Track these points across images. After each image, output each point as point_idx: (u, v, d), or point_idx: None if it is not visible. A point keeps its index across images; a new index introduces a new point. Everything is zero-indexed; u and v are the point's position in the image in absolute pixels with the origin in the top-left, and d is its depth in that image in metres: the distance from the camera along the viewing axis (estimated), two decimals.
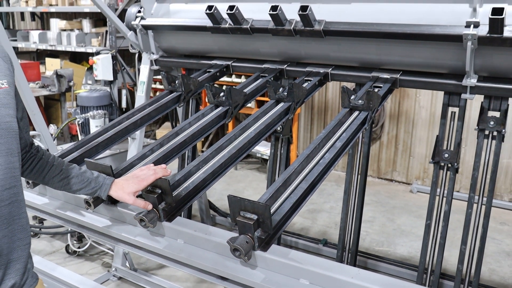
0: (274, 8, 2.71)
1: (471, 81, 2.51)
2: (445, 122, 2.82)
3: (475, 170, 2.74)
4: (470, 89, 2.54)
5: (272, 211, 1.79)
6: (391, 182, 6.44)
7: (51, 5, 8.16)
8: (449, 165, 2.81)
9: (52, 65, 8.21)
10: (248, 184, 6.35)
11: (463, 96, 2.58)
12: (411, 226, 5.07)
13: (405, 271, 3.86)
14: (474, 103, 2.93)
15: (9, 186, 1.50)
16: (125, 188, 1.91)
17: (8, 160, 1.49)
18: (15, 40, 8.81)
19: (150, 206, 1.90)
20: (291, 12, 2.77)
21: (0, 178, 1.47)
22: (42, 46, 8.38)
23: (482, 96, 2.64)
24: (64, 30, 8.28)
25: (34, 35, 8.47)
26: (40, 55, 8.88)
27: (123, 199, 1.93)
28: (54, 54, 8.80)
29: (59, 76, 7.09)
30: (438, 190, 2.86)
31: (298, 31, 2.77)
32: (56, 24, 8.51)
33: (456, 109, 2.77)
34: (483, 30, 2.31)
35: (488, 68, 2.51)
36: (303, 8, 2.64)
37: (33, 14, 9.88)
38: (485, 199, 2.77)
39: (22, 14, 10.12)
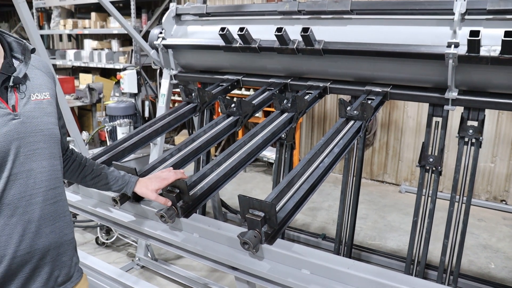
0: (279, 29, 2.71)
1: (452, 94, 2.50)
2: (430, 130, 2.80)
3: (456, 173, 2.73)
4: (451, 101, 2.53)
5: (277, 209, 1.78)
6: (382, 183, 6.41)
7: (85, 27, 8.21)
8: (434, 168, 2.79)
9: (85, 80, 8.25)
10: (256, 184, 6.33)
11: (445, 107, 2.57)
12: (400, 222, 5.04)
13: (394, 262, 3.84)
14: (455, 113, 2.91)
15: (53, 186, 1.51)
16: (148, 186, 1.91)
17: (52, 163, 1.51)
18: (54, 58, 8.87)
19: (169, 203, 1.90)
20: (294, 33, 2.77)
21: (45, 179, 1.48)
22: (77, 63, 8.43)
23: (462, 107, 2.63)
24: (96, 49, 8.32)
25: (70, 53, 8.52)
26: (75, 71, 8.93)
27: (146, 196, 1.92)
28: (87, 70, 8.84)
29: (91, 89, 7.12)
30: (424, 190, 2.84)
31: (300, 49, 2.77)
32: (89, 44, 8.55)
33: (440, 119, 2.75)
34: (463, 50, 2.31)
35: (467, 83, 2.50)
36: (305, 30, 2.64)
37: (69, 36, 9.95)
38: (465, 198, 2.75)
39: (60, 36, 10.19)
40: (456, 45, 2.33)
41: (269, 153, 6.25)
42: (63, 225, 1.56)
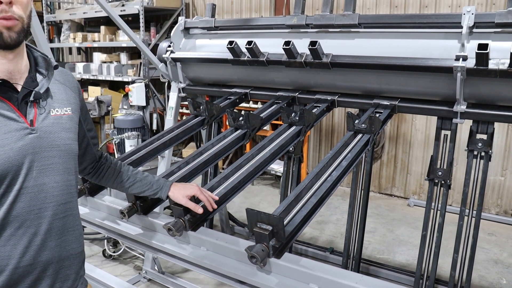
0: (287, 43, 2.72)
1: (461, 107, 2.50)
2: (438, 143, 2.79)
3: (466, 186, 2.71)
4: (460, 114, 2.53)
5: (285, 222, 1.78)
6: (391, 197, 6.37)
7: (94, 41, 8.30)
8: (443, 182, 2.77)
9: (94, 92, 8.31)
10: (263, 198, 6.32)
11: (454, 120, 2.57)
12: (409, 236, 4.99)
13: (403, 277, 3.79)
14: (464, 126, 2.90)
15: (64, 201, 1.52)
16: (181, 190, 1.91)
17: (65, 178, 1.52)
18: (70, 73, 8.93)
19: (200, 210, 1.90)
20: (302, 47, 2.78)
21: (57, 194, 1.49)
22: (86, 76, 8.50)
23: (471, 120, 2.62)
24: (105, 62, 8.40)
25: (80, 66, 8.60)
26: (84, 84, 8.99)
27: (178, 200, 1.91)
28: (96, 82, 8.91)
29: (99, 101, 7.17)
30: (433, 204, 2.82)
31: (308, 63, 2.78)
32: (98, 57, 8.63)
33: (448, 132, 2.74)
34: (471, 63, 2.31)
35: (476, 96, 2.49)
36: (313, 43, 2.65)
37: (79, 49, 10.06)
38: (474, 212, 2.72)
39: (70, 49, 10.30)
40: (465, 58, 2.33)
41: (277, 166, 6.24)
42: (71, 239, 1.56)
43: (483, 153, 2.64)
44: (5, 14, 1.33)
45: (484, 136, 2.62)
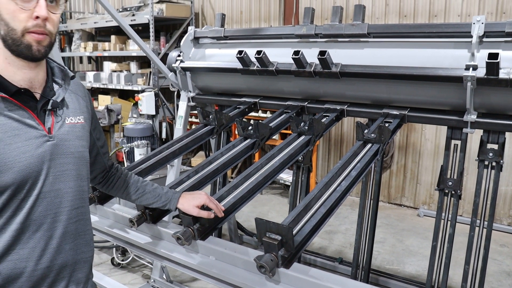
0: (296, 52, 2.73)
1: (471, 117, 2.48)
2: (448, 153, 2.78)
3: (477, 197, 2.68)
4: (470, 124, 2.51)
5: (294, 232, 1.77)
6: (400, 207, 6.33)
7: (104, 50, 8.37)
8: (453, 192, 2.75)
9: (103, 101, 8.37)
10: (272, 207, 6.30)
11: (464, 130, 2.55)
12: (419, 247, 4.95)
13: None
14: (474, 136, 2.89)
15: (77, 206, 1.58)
16: (190, 201, 1.92)
17: (78, 184, 1.58)
18: (80, 83, 9.01)
19: (212, 215, 1.91)
20: (311, 56, 2.79)
21: (71, 199, 1.55)
22: (96, 85, 8.57)
23: (482, 130, 2.60)
24: (115, 71, 8.46)
25: (90, 75, 8.67)
26: (94, 92, 9.07)
27: (188, 211, 1.91)
28: (106, 91, 8.98)
29: (109, 110, 7.20)
30: (443, 214, 2.80)
31: (317, 72, 2.79)
32: (108, 66, 8.70)
33: (458, 142, 2.73)
34: (481, 72, 2.30)
35: (486, 106, 2.48)
36: (322, 53, 2.66)
37: (89, 58, 10.15)
38: (486, 223, 2.70)
39: (80, 58, 10.40)
40: (475, 68, 2.32)
41: (286, 176, 6.23)
42: (82, 243, 1.61)
43: (494, 163, 2.62)
44: (38, 28, 1.39)
45: (495, 146, 2.60)
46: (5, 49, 1.40)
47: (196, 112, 3.25)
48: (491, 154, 2.61)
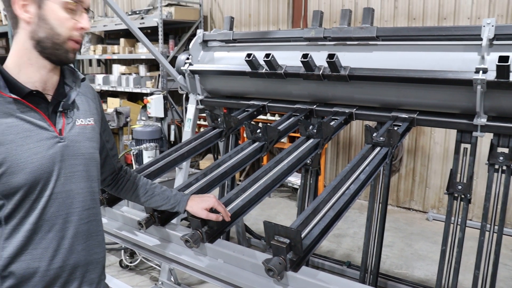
0: (305, 56, 2.73)
1: (481, 120, 2.47)
2: (458, 157, 2.76)
3: (487, 201, 2.66)
4: (480, 127, 2.50)
5: (302, 236, 1.77)
6: (409, 211, 6.30)
7: (113, 53, 8.42)
8: (462, 196, 2.73)
9: (112, 104, 8.40)
10: (280, 210, 6.30)
11: (474, 134, 2.54)
12: (427, 251, 4.92)
13: None
14: (485, 139, 2.87)
15: (88, 207, 1.60)
16: (199, 204, 1.92)
17: (89, 185, 1.60)
18: (90, 85, 9.06)
19: (220, 218, 1.92)
20: (320, 59, 2.79)
21: (82, 200, 1.57)
22: (105, 87, 8.61)
23: (492, 133, 2.58)
24: (124, 74, 8.50)
25: (99, 78, 8.71)
26: (103, 95, 9.11)
27: (197, 214, 1.92)
28: (115, 94, 9.02)
29: (118, 113, 7.24)
30: (452, 218, 2.78)
31: (326, 76, 2.78)
32: (117, 69, 8.74)
33: (468, 146, 2.71)
34: (491, 75, 2.28)
35: (497, 109, 2.46)
36: (330, 56, 2.65)
37: (98, 61, 10.21)
38: (496, 227, 2.68)
39: (90, 61, 10.46)
40: (485, 71, 2.30)
41: (294, 179, 6.22)
42: (94, 244, 1.64)
43: (504, 167, 2.60)
44: (79, 38, 1.50)
45: (506, 150, 2.58)
46: (32, 50, 1.45)
47: (204, 115, 3.25)
48: (501, 158, 2.59)
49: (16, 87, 1.44)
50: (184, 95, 6.85)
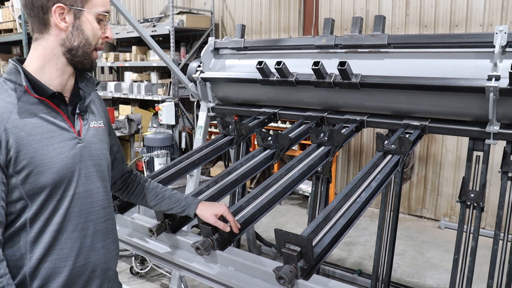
0: (316, 63, 2.73)
1: (494, 128, 2.45)
2: (470, 165, 2.73)
3: (500, 209, 2.63)
4: (493, 135, 2.48)
5: (313, 244, 1.76)
6: (421, 219, 6.25)
7: (125, 60, 8.49)
8: (475, 204, 2.70)
9: (124, 111, 8.46)
10: (291, 218, 6.28)
11: (486, 141, 2.52)
12: (440, 260, 4.87)
13: None
14: (497, 147, 2.84)
15: (105, 206, 1.66)
16: (209, 209, 1.92)
17: (104, 185, 1.67)
18: (96, 90, 9.13)
19: (228, 228, 1.91)
20: (331, 67, 2.79)
21: (100, 199, 1.63)
22: (117, 95, 8.68)
23: (505, 141, 2.56)
24: (135, 81, 8.56)
25: (111, 85, 8.78)
26: (115, 102, 9.18)
27: (206, 219, 1.91)
28: (126, 101, 9.09)
29: (130, 120, 7.29)
30: (465, 227, 2.75)
31: (337, 83, 2.78)
32: (129, 76, 8.81)
33: (481, 153, 2.68)
34: (504, 83, 2.27)
35: (510, 116, 2.44)
36: (342, 64, 2.65)
37: (110, 68, 10.31)
38: (510, 236, 2.64)
39: (102, 68, 10.56)
40: (497, 78, 2.29)
41: (305, 186, 6.20)
42: (110, 242, 1.70)
43: None
44: (102, 47, 1.59)
45: None
46: (61, 56, 1.51)
47: (215, 122, 3.26)
48: None
49: (40, 88, 1.49)
50: (195, 103, 6.87)
